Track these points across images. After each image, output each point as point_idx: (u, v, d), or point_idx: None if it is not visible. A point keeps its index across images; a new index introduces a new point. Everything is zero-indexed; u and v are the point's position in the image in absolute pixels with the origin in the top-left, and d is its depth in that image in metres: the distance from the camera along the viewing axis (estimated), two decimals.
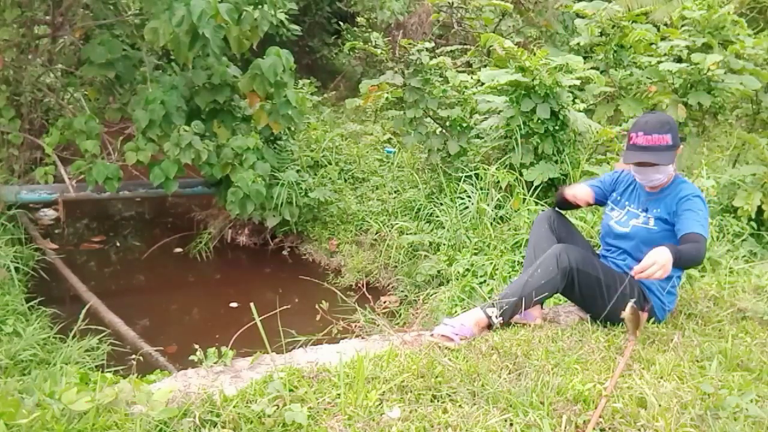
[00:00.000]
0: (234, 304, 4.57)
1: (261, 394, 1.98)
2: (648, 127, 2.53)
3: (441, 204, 4.95)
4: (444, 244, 4.54)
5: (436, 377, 2.13)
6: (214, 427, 1.84)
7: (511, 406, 2.00)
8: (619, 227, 2.75)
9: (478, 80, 5.25)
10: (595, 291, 2.59)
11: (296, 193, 5.35)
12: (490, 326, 2.57)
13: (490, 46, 5.74)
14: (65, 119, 5.01)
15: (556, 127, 4.71)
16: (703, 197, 2.63)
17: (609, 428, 1.95)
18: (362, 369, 2.10)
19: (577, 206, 2.93)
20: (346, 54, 9.81)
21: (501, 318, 2.55)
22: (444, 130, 5.28)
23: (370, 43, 5.46)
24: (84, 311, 3.10)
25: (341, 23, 9.61)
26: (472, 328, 2.51)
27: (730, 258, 3.72)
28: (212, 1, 4.23)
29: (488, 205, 4.57)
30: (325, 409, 1.95)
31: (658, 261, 2.28)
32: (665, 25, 6.89)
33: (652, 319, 2.71)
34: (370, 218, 5.38)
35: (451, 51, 7.18)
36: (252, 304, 2.31)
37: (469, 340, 2.46)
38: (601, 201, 2.90)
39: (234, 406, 1.90)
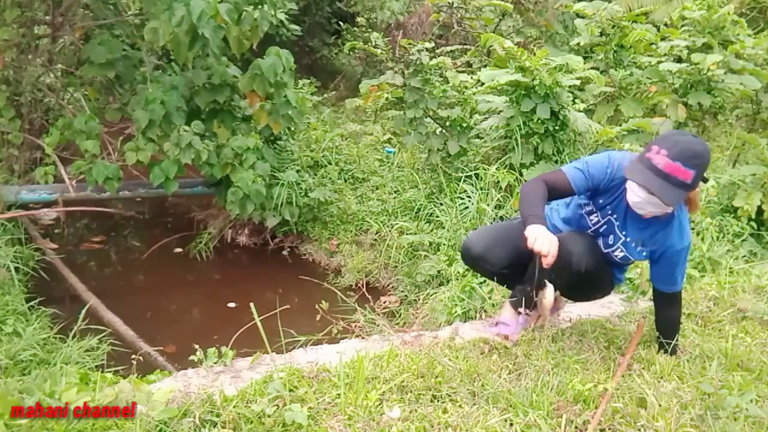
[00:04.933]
0: (234, 304, 4.56)
1: (261, 394, 1.99)
2: (676, 150, 2.07)
3: (441, 204, 4.95)
4: (444, 244, 4.53)
5: (436, 377, 2.13)
6: (214, 427, 1.84)
7: (511, 406, 2.00)
8: (601, 245, 2.46)
9: (478, 80, 5.25)
10: (585, 286, 2.56)
11: (296, 193, 5.35)
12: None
13: (490, 46, 5.74)
14: (65, 119, 5.01)
15: (556, 127, 4.71)
16: (690, 241, 2.42)
17: (609, 428, 1.96)
18: (362, 369, 2.10)
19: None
20: (346, 54, 9.80)
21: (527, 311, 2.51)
22: (444, 130, 5.28)
23: (370, 43, 5.46)
24: (84, 311, 3.10)
25: (341, 23, 9.60)
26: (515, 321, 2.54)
27: (730, 258, 3.72)
28: (212, 1, 4.22)
29: (488, 205, 4.57)
30: (325, 409, 1.95)
31: None
32: (665, 25, 6.90)
33: None
34: (370, 218, 5.38)
35: (451, 51, 7.18)
36: (252, 304, 2.32)
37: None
38: (577, 192, 2.37)
39: (234, 406, 1.90)
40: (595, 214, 2.42)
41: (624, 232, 2.39)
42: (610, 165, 2.32)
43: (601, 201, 2.38)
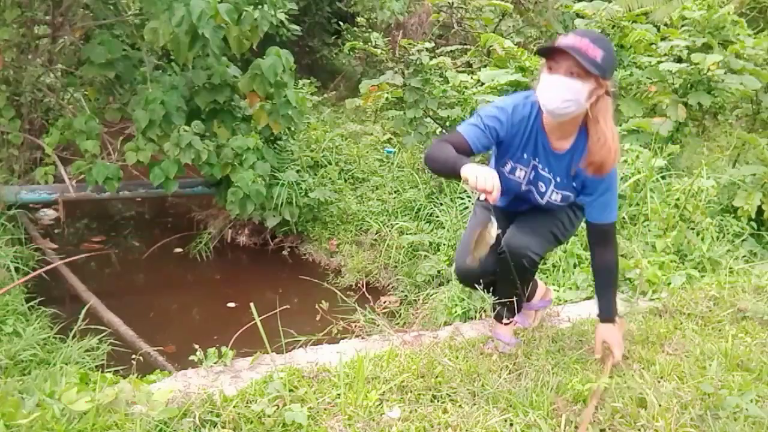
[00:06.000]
0: (234, 304, 4.56)
1: (261, 394, 1.99)
2: (582, 32, 2.07)
3: (441, 204, 4.95)
4: (444, 244, 4.53)
5: (436, 377, 2.13)
6: (214, 427, 1.84)
7: (511, 406, 2.00)
8: (537, 197, 2.34)
9: (478, 80, 5.25)
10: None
11: (296, 193, 5.35)
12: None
13: (490, 46, 5.75)
14: (65, 119, 5.01)
15: None
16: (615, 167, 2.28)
17: (609, 428, 1.96)
18: (362, 369, 2.10)
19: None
20: (346, 54, 9.80)
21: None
22: (444, 130, 5.28)
23: (370, 43, 5.46)
24: (84, 311, 3.10)
25: (341, 23, 9.61)
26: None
27: (730, 258, 3.72)
28: (212, 1, 4.23)
29: None
30: (325, 409, 1.95)
31: (618, 347, 2.33)
32: (665, 25, 6.89)
33: None
34: (370, 218, 5.38)
35: (451, 51, 7.17)
36: (252, 304, 2.32)
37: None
38: (475, 150, 2.20)
39: (234, 406, 1.90)
40: (520, 168, 2.29)
41: (551, 173, 2.27)
42: (503, 111, 2.20)
43: (517, 152, 2.26)
